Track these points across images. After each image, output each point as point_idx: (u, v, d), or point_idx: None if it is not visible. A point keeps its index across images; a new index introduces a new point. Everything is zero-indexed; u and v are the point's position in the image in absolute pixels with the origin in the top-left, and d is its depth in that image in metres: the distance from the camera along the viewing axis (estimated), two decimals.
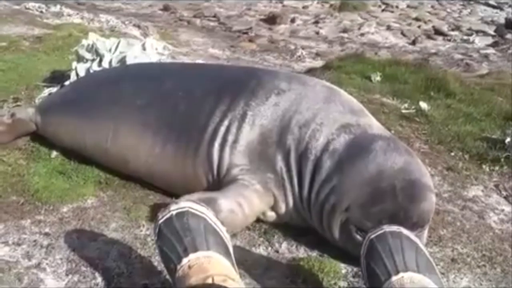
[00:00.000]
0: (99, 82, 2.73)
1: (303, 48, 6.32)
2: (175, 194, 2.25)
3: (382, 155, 1.92)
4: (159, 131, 2.27)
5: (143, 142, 2.29)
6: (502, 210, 2.43)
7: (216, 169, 2.13)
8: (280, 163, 2.05)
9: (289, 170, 2.04)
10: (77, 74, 3.25)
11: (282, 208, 2.07)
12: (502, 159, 2.87)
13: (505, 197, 2.56)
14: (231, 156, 2.11)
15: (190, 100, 2.30)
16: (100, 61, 3.24)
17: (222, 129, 2.15)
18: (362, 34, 7.57)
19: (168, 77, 2.52)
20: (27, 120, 2.65)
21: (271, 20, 8.22)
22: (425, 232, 1.96)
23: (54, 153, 2.60)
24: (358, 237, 1.87)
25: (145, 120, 2.32)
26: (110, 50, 3.28)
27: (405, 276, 1.54)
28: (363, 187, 1.89)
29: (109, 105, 2.45)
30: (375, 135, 2.03)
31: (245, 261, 1.90)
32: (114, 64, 3.18)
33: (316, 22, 8.22)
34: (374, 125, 2.13)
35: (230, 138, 2.13)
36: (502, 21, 8.09)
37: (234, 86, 2.30)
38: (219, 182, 2.12)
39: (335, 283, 1.84)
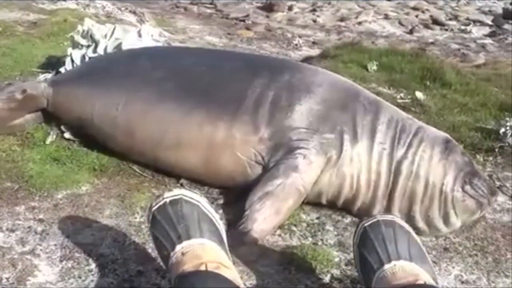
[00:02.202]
0: (115, 59, 2.77)
1: (300, 37, 6.28)
2: (178, 173, 2.28)
3: None
4: (179, 99, 2.27)
5: (159, 109, 2.26)
6: (495, 201, 2.43)
7: (263, 131, 2.13)
8: (343, 125, 2.12)
9: (355, 132, 2.11)
10: (72, 60, 3.23)
11: (331, 169, 2.09)
12: (497, 149, 2.88)
13: (499, 187, 2.57)
14: (286, 119, 2.13)
15: (216, 74, 2.34)
16: (95, 47, 3.22)
17: (268, 96, 2.17)
18: (359, 23, 7.53)
19: (188, 53, 2.63)
20: (38, 95, 2.61)
21: (268, 7, 8.17)
22: None
23: (49, 140, 2.59)
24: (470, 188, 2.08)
25: (163, 89, 2.30)
26: (105, 36, 3.25)
27: (397, 265, 1.55)
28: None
29: (124, 76, 2.45)
30: None
31: (239, 248, 1.90)
32: (109, 50, 3.16)
33: (314, 10, 8.16)
34: None
35: (282, 103, 2.15)
36: (500, 11, 8.06)
37: (267, 63, 2.42)
38: (266, 141, 2.12)
39: (328, 271, 1.85)
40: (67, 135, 2.63)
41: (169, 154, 2.26)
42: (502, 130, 2.98)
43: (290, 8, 8.21)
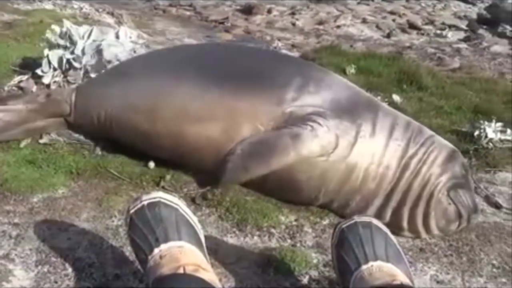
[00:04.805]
0: (136, 58, 2.98)
1: (279, 39, 6.28)
2: (199, 146, 2.26)
3: None
4: (200, 77, 2.34)
5: (180, 87, 2.33)
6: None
7: (287, 106, 2.19)
8: (363, 121, 2.17)
9: (373, 129, 2.17)
10: (49, 62, 3.19)
11: (336, 155, 2.13)
12: (471, 152, 2.94)
13: (474, 189, 2.61)
14: (312, 100, 2.20)
15: (237, 59, 2.51)
16: (73, 48, 3.18)
17: (295, 81, 2.25)
18: (338, 27, 7.58)
19: (208, 45, 3.24)
20: (61, 101, 2.62)
21: (247, 10, 8.16)
22: None
23: (23, 143, 2.54)
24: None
25: (185, 71, 2.41)
26: (83, 37, 3.22)
27: (374, 265, 1.57)
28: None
29: (145, 68, 2.59)
30: None
31: (217, 251, 1.91)
32: (87, 52, 3.13)
33: (293, 14, 8.19)
34: None
35: (310, 89, 2.24)
36: (475, 16, 8.21)
37: (295, 60, 2.91)
38: (287, 115, 2.19)
39: (306, 273, 1.86)
40: (42, 140, 2.59)
41: (191, 127, 2.28)
42: (477, 132, 3.05)
43: (269, 11, 8.23)
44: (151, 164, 2.45)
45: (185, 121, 2.28)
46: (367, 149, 2.15)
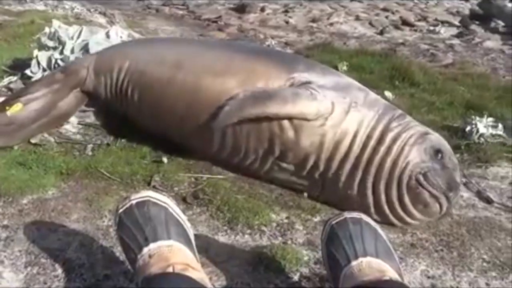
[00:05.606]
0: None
1: (272, 38, 6.28)
2: (214, 97, 2.35)
3: None
4: (225, 47, 2.79)
5: (207, 52, 2.65)
6: (461, 196, 2.48)
7: (296, 75, 2.39)
8: (356, 99, 2.32)
9: (363, 103, 2.32)
10: (38, 63, 3.18)
11: (333, 120, 2.24)
12: (463, 147, 2.95)
13: (464, 184, 2.62)
14: (316, 78, 2.38)
15: (252, 47, 3.18)
16: (62, 49, 3.17)
17: (301, 63, 2.52)
18: (331, 24, 7.58)
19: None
20: (79, 68, 2.72)
21: (240, 9, 8.15)
22: None
23: (16, 146, 2.53)
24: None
25: (211, 43, 3.04)
26: (72, 37, 3.20)
27: (364, 261, 1.56)
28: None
29: (172, 40, 3.34)
30: None
31: (208, 249, 1.91)
32: (76, 52, 3.12)
33: (286, 12, 8.19)
34: None
35: (316, 70, 2.48)
36: (467, 12, 8.22)
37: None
38: (295, 82, 2.38)
39: (297, 270, 1.86)
40: (34, 140, 2.58)
41: (211, 80, 2.42)
42: (468, 128, 3.05)
43: (262, 9, 8.22)
44: (165, 159, 2.49)
45: (207, 74, 2.43)
46: (357, 117, 2.27)
